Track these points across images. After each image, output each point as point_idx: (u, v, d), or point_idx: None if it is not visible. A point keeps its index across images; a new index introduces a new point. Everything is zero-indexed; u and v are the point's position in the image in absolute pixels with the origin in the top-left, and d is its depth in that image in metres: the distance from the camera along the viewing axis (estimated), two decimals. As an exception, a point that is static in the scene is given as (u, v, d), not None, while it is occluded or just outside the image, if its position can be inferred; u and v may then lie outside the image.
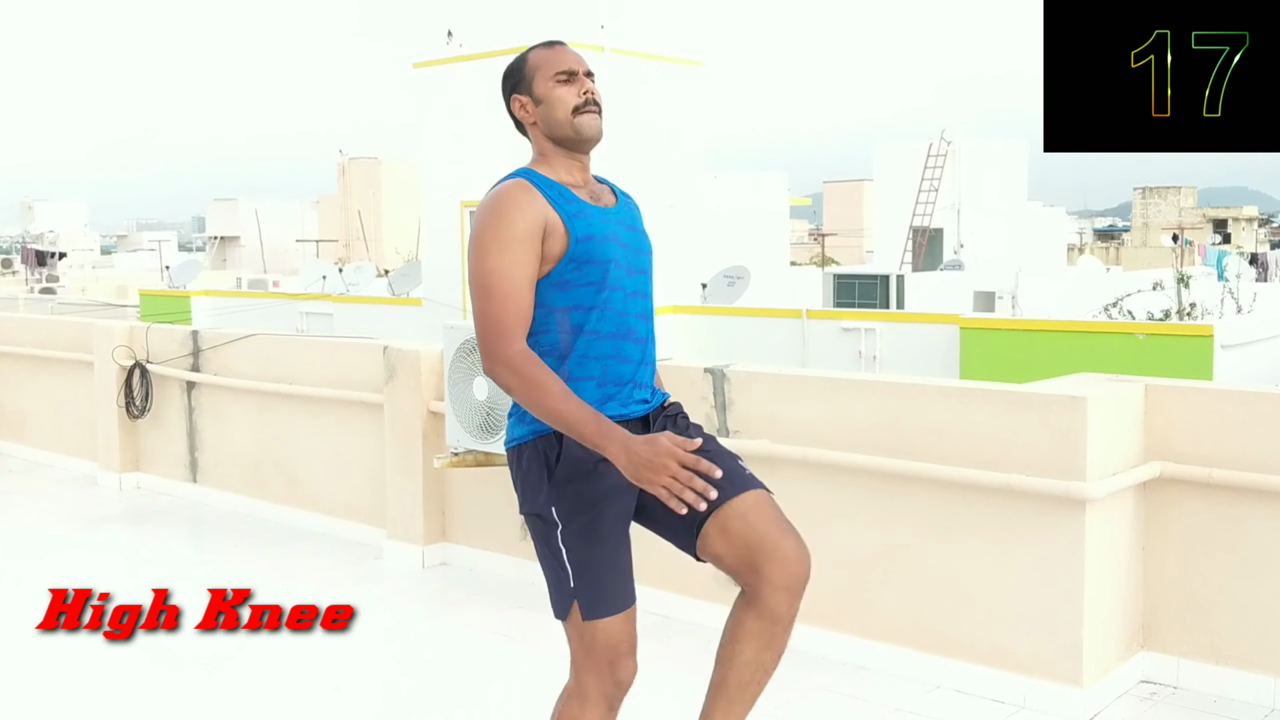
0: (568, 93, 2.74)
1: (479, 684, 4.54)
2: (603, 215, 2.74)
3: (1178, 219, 52.54)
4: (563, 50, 2.80)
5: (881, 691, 4.30)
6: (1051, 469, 4.03)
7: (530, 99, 2.77)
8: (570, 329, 2.68)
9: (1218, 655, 4.17)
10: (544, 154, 2.78)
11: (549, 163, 2.77)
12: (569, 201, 2.70)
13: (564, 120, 2.73)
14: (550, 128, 2.75)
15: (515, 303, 2.60)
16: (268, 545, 6.50)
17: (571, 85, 2.75)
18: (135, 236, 65.29)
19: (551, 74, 2.75)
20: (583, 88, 2.75)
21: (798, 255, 43.11)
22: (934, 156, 27.04)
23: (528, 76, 2.78)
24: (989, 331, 11.55)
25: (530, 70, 2.78)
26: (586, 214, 2.70)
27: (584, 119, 2.74)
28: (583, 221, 2.68)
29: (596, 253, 2.66)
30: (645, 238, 2.86)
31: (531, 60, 2.80)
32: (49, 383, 8.73)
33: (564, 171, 2.76)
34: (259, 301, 18.93)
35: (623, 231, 2.77)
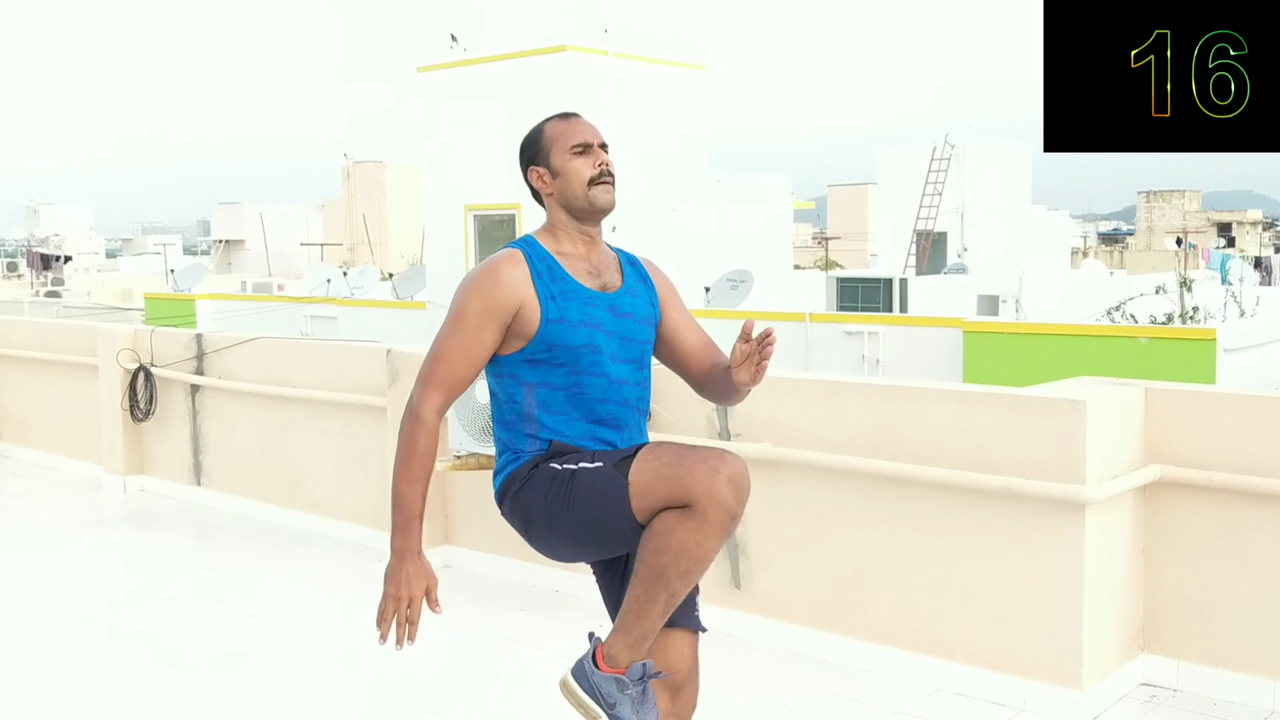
0: (583, 165, 2.81)
1: (482, 686, 4.55)
2: (589, 299, 2.77)
3: (1182, 223, 52.49)
4: (578, 123, 2.87)
5: (882, 694, 4.31)
6: (1051, 472, 4.04)
7: (548, 171, 2.84)
8: (537, 405, 2.76)
9: (1217, 658, 4.18)
10: (554, 223, 2.86)
11: (557, 233, 2.84)
12: (556, 280, 2.75)
13: (580, 193, 2.81)
14: (566, 199, 2.83)
15: (444, 368, 2.73)
16: (271, 548, 6.53)
17: (587, 157, 2.82)
18: (140, 240, 65.36)
19: (568, 146, 2.83)
20: (598, 159, 2.82)
21: (802, 259, 43.11)
22: (938, 160, 27.03)
23: (544, 149, 2.85)
24: (992, 335, 11.54)
25: (547, 143, 2.85)
26: (569, 296, 2.75)
27: (598, 190, 2.81)
28: (558, 305, 2.73)
29: (567, 338, 2.72)
30: (642, 326, 2.86)
31: (548, 133, 2.87)
32: (54, 386, 8.76)
33: (569, 243, 2.83)
34: (263, 305, 18.95)
35: (610, 318, 2.79)
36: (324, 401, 6.70)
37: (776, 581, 4.83)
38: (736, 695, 4.40)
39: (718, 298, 14.52)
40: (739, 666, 4.63)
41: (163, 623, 5.29)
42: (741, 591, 4.91)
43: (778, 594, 4.83)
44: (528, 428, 2.77)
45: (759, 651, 4.74)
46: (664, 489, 2.51)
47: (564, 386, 2.74)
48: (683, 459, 2.52)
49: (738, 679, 4.53)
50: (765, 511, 4.83)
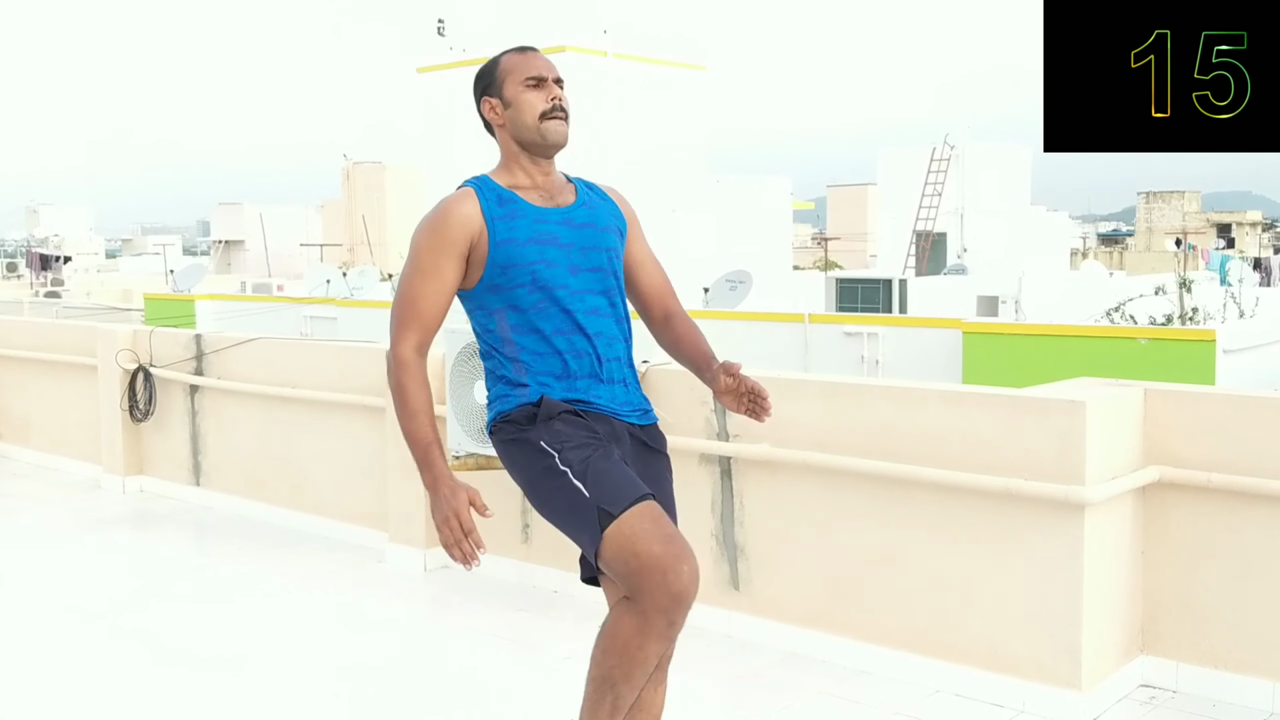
0: (536, 98, 2.82)
1: (479, 687, 4.55)
2: (540, 215, 2.79)
3: (1182, 223, 52.49)
4: (534, 56, 2.87)
5: (881, 695, 4.31)
6: (1050, 473, 4.04)
7: (500, 102, 2.85)
8: (510, 328, 2.79)
9: (1217, 659, 4.17)
10: (508, 156, 2.87)
11: (510, 166, 2.87)
12: (503, 204, 2.78)
13: (531, 125, 2.82)
14: (517, 131, 2.83)
15: (410, 307, 2.77)
16: (270, 548, 6.52)
17: (540, 90, 2.83)
18: (140, 240, 65.35)
19: (522, 79, 2.83)
20: (551, 94, 2.83)
21: (802, 259, 43.10)
22: (937, 161, 27.05)
23: (498, 80, 2.86)
24: (991, 336, 11.55)
25: (501, 74, 2.86)
26: (517, 215, 2.77)
27: (550, 124, 2.82)
28: (506, 225, 2.76)
29: (516, 256, 2.75)
30: (604, 234, 2.87)
31: (503, 64, 2.88)
32: (53, 386, 8.75)
33: (523, 175, 2.85)
34: (263, 305, 18.96)
35: (566, 230, 2.81)
36: (323, 402, 6.70)
37: (775, 582, 4.83)
38: (734, 696, 4.40)
39: (716, 298, 14.53)
40: (737, 667, 4.63)
41: (162, 623, 5.28)
42: (740, 592, 4.91)
43: (776, 595, 4.82)
44: (508, 350, 2.81)
45: (757, 652, 4.74)
46: (622, 570, 2.59)
47: (529, 305, 2.77)
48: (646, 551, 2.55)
49: (736, 680, 4.53)
50: (764, 512, 4.83)
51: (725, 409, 4.86)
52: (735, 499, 4.89)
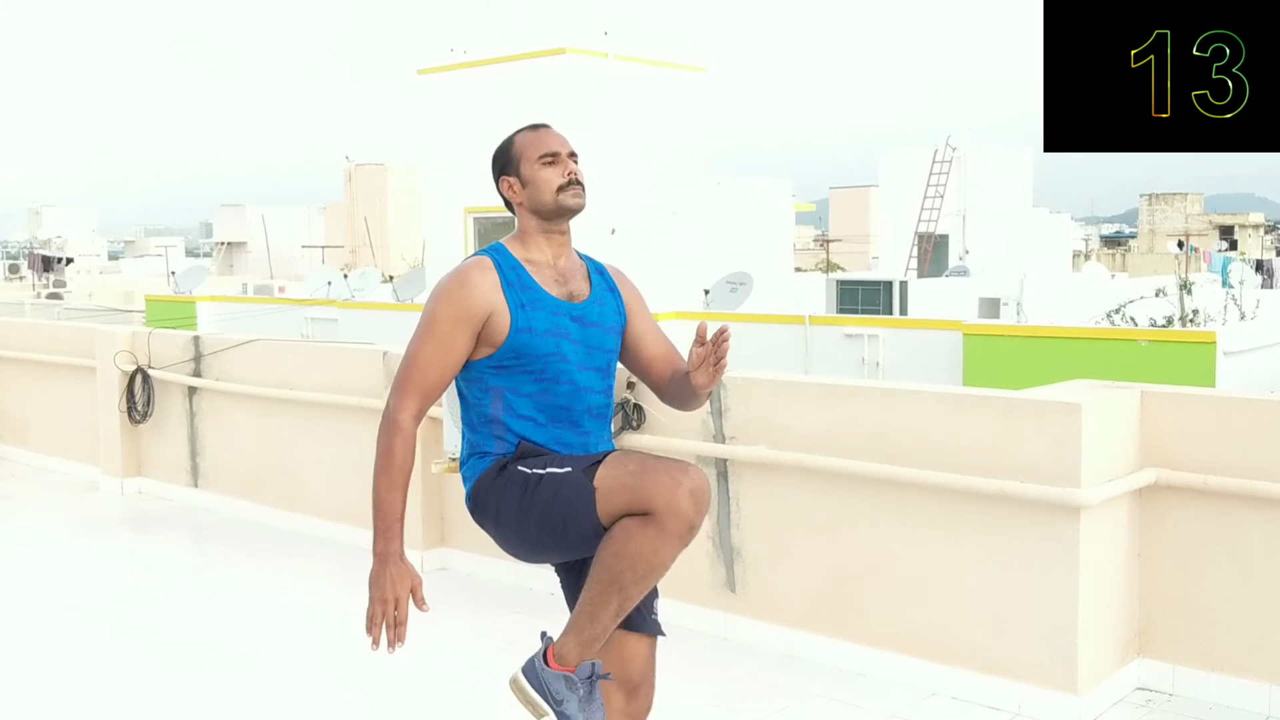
0: (552, 174, 2.85)
1: (477, 690, 4.54)
2: (556, 308, 2.81)
3: (1184, 225, 52.44)
4: (547, 133, 2.92)
5: (878, 698, 4.30)
6: (1046, 475, 4.03)
7: (518, 180, 2.89)
8: (504, 409, 2.80)
9: (1213, 662, 4.16)
10: (524, 231, 2.90)
11: (526, 241, 2.89)
12: (524, 289, 2.80)
13: (548, 200, 2.85)
14: (536, 206, 2.87)
15: (417, 375, 2.76)
16: (267, 550, 6.52)
17: (556, 167, 2.87)
18: (143, 242, 65.35)
19: (536, 157, 2.87)
20: (566, 169, 2.87)
21: (805, 261, 43.09)
22: (939, 162, 27.02)
23: (514, 160, 2.90)
24: (992, 338, 11.52)
25: (517, 154, 2.90)
26: (537, 305, 2.79)
27: (566, 196, 2.85)
28: (526, 314, 2.77)
29: (534, 347, 2.77)
30: (608, 335, 2.90)
31: (517, 144, 2.92)
32: (52, 388, 8.75)
33: (538, 251, 2.87)
34: (264, 307, 18.95)
35: (578, 328, 2.83)
36: (321, 404, 6.69)
37: (771, 584, 4.82)
38: (730, 698, 4.39)
39: (717, 300, 14.50)
40: (734, 670, 4.62)
41: (159, 624, 5.28)
42: (736, 595, 4.90)
43: (773, 597, 4.81)
44: (495, 430, 2.82)
45: (754, 655, 4.73)
46: (626, 496, 2.57)
47: (530, 393, 2.80)
48: (646, 469, 2.58)
49: (732, 682, 4.52)
50: (761, 514, 4.82)
51: (721, 411, 4.87)
52: (732, 501, 4.88)
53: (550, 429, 2.80)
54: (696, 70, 16.23)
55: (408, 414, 2.75)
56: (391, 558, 2.71)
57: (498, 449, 2.81)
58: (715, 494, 4.92)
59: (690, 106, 16.42)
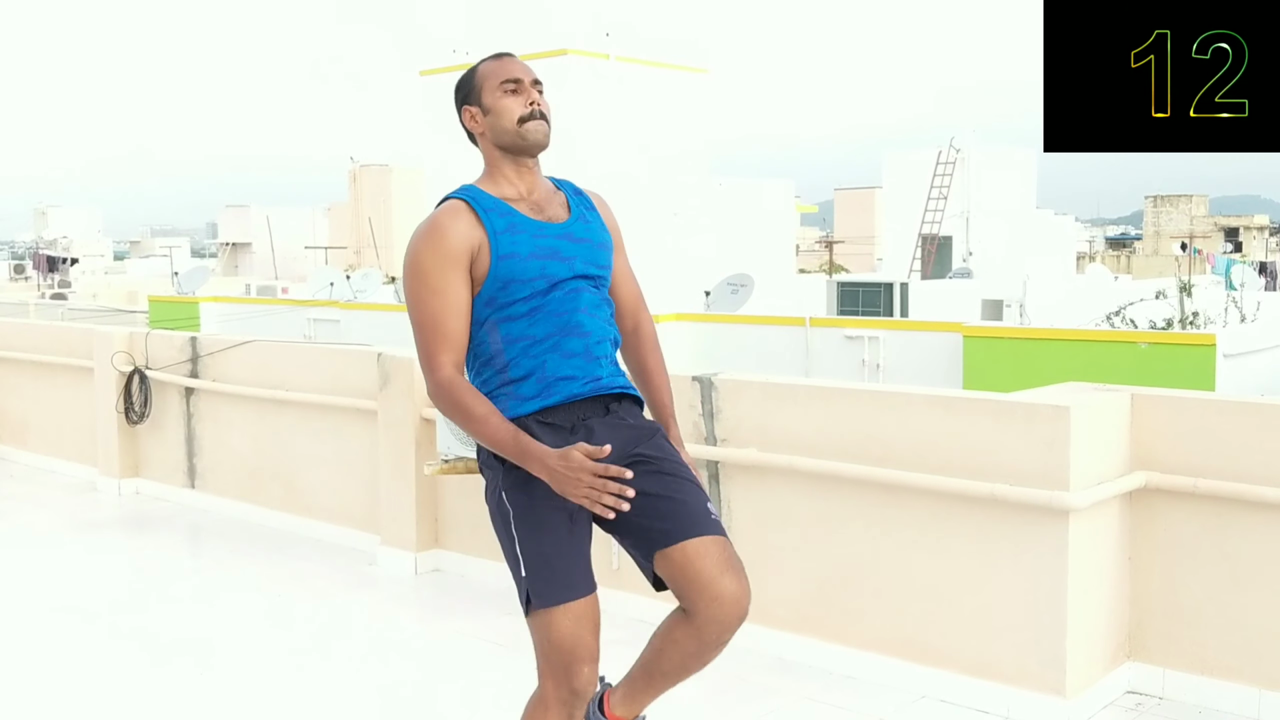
0: (514, 102, 2.79)
1: (470, 691, 4.54)
2: (539, 230, 2.76)
3: (1189, 227, 52.36)
4: (510, 61, 2.85)
5: (867, 701, 4.30)
6: (1036, 478, 4.02)
7: (479, 109, 2.82)
8: (501, 339, 2.75)
9: (1203, 666, 4.15)
10: (492, 164, 2.84)
11: (495, 174, 2.83)
12: (503, 215, 2.74)
13: (510, 129, 2.78)
14: (498, 136, 2.80)
15: (436, 331, 2.71)
16: (264, 551, 6.52)
17: (519, 95, 2.80)
18: (148, 242, 65.46)
19: (498, 84, 2.81)
20: (529, 97, 2.80)
21: (809, 263, 43.08)
22: (943, 164, 27.03)
23: (476, 88, 2.84)
24: (992, 340, 11.53)
25: (479, 81, 2.84)
26: (518, 229, 2.74)
27: (530, 126, 2.78)
28: (508, 239, 2.72)
29: (519, 271, 2.72)
30: (601, 250, 2.85)
31: (480, 72, 2.85)
32: (50, 388, 8.77)
33: (509, 184, 2.81)
34: (267, 308, 18.99)
35: (566, 244, 2.78)
36: (317, 405, 6.70)
37: (762, 587, 4.79)
38: (722, 701, 4.38)
39: (718, 301, 14.51)
40: (724, 672, 4.60)
41: (157, 624, 5.29)
42: (728, 597, 4.89)
43: (763, 600, 4.79)
44: (497, 362, 2.76)
45: (744, 657, 4.71)
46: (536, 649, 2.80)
47: (525, 314, 2.73)
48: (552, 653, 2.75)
49: (723, 685, 4.51)
50: (752, 518, 4.81)
51: (712, 413, 4.86)
52: (723, 504, 4.88)
53: (553, 355, 2.73)
54: (699, 71, 16.27)
55: (447, 367, 2.70)
56: (546, 459, 2.61)
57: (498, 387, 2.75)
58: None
59: (692, 107, 16.47)
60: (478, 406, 2.68)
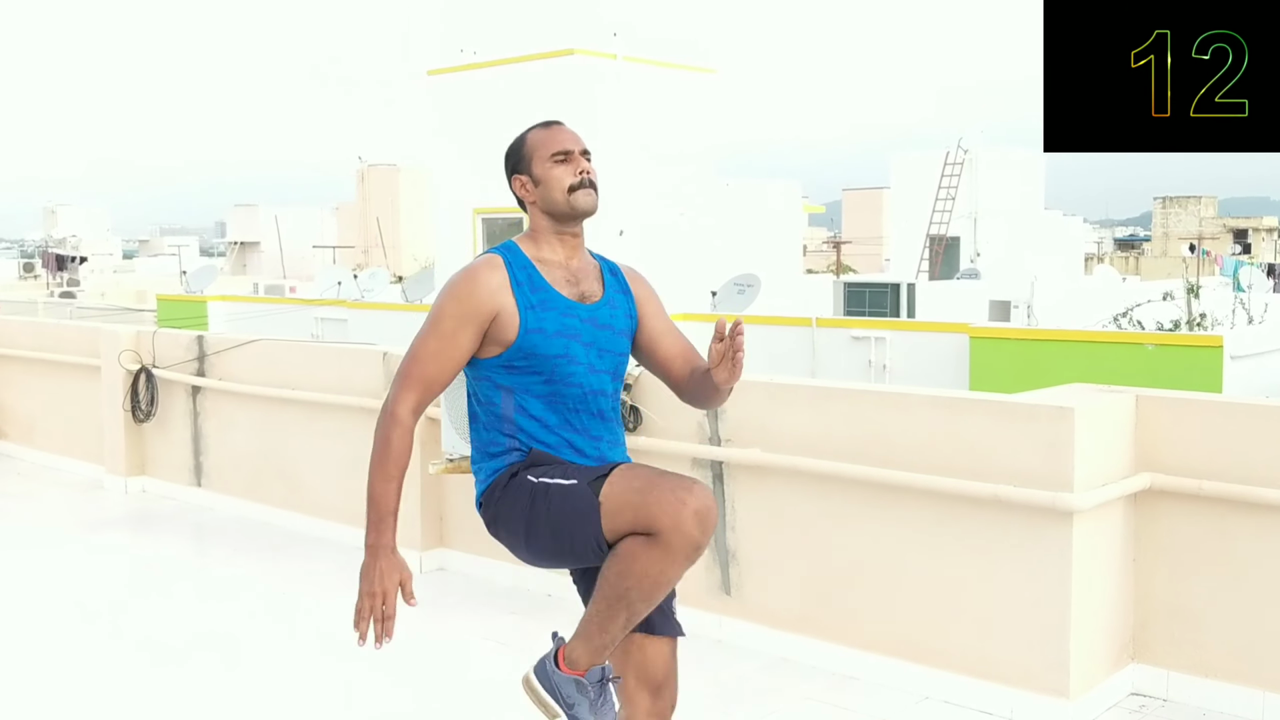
0: (565, 172, 2.84)
1: (474, 690, 4.55)
2: (568, 309, 2.79)
3: (1198, 229, 52.22)
4: (559, 130, 2.90)
5: (870, 702, 4.30)
6: (1039, 480, 4.01)
7: (530, 179, 2.87)
8: (514, 409, 2.79)
9: (1207, 668, 4.14)
10: (537, 230, 2.89)
11: (538, 239, 2.87)
12: (535, 290, 2.78)
13: (560, 199, 2.83)
14: (548, 205, 2.85)
15: (423, 371, 2.75)
16: (269, 549, 6.54)
17: (568, 165, 2.85)
18: (157, 241, 65.55)
19: (549, 155, 2.85)
20: (579, 167, 2.85)
21: (817, 263, 43.04)
22: (950, 165, 26.96)
23: (526, 157, 2.88)
24: (999, 341, 11.48)
25: (529, 151, 2.88)
26: (548, 306, 2.77)
27: (579, 195, 2.83)
28: (537, 315, 2.76)
29: (544, 348, 2.75)
30: (619, 338, 2.88)
31: (530, 141, 2.90)
32: (57, 387, 8.79)
33: (549, 250, 2.85)
34: (274, 307, 19.00)
35: (589, 329, 2.82)
36: (322, 404, 6.71)
37: (766, 588, 4.82)
38: (725, 701, 4.39)
39: (724, 302, 14.48)
40: (728, 672, 4.62)
41: (162, 623, 5.30)
42: (731, 597, 4.89)
43: (767, 600, 4.81)
44: (505, 428, 2.81)
45: (748, 658, 4.73)
46: (631, 515, 2.56)
47: (540, 394, 2.78)
48: (652, 487, 2.56)
49: (726, 685, 4.52)
50: (755, 517, 4.81)
51: (716, 413, 4.86)
52: (727, 503, 4.88)
53: (561, 431, 2.79)
54: (705, 72, 16.23)
55: (406, 407, 2.74)
56: (383, 550, 2.70)
57: (509, 446, 2.80)
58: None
59: (699, 108, 16.42)
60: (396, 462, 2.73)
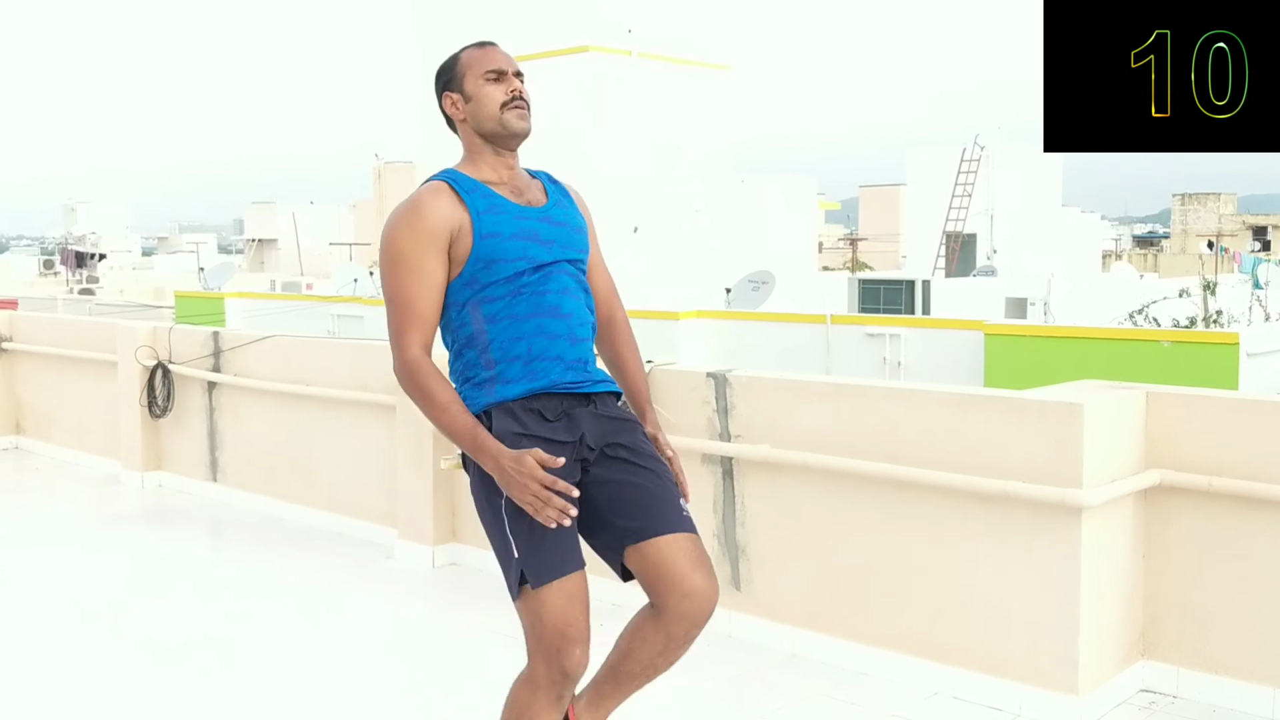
0: (496, 90, 2.83)
1: (485, 684, 4.56)
2: (519, 212, 2.79)
3: (1217, 226, 51.94)
4: (493, 50, 2.89)
5: (878, 697, 4.30)
6: (1048, 476, 4.01)
7: (460, 96, 2.86)
8: (484, 319, 2.77)
9: (1217, 665, 4.13)
10: (472, 151, 2.88)
11: (475, 160, 2.87)
12: (485, 196, 2.78)
13: (492, 116, 2.82)
14: (479, 123, 2.84)
15: (409, 309, 2.74)
16: (283, 544, 6.57)
17: (500, 84, 2.84)
18: (176, 238, 65.87)
19: (481, 73, 2.85)
20: (510, 86, 2.84)
21: (833, 260, 42.96)
22: (967, 162, 26.92)
23: (458, 75, 2.87)
24: (1013, 338, 11.48)
25: (461, 69, 2.88)
26: (498, 210, 2.77)
27: (511, 114, 2.82)
28: (490, 219, 2.75)
29: (501, 251, 2.74)
30: (578, 235, 2.89)
31: (463, 59, 2.89)
32: (74, 382, 8.85)
33: (489, 169, 2.85)
34: (292, 304, 19.08)
35: (546, 227, 2.82)
36: (336, 400, 6.74)
37: (776, 583, 4.83)
38: (733, 696, 4.40)
39: (739, 299, 14.49)
40: (736, 667, 4.63)
41: (177, 617, 5.34)
42: (741, 593, 4.90)
43: (777, 595, 4.82)
44: (479, 342, 2.78)
45: (757, 652, 4.74)
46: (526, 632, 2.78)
47: (505, 294, 2.76)
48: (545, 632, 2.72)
49: (735, 680, 4.53)
50: (765, 514, 4.82)
51: (726, 409, 4.87)
52: (737, 499, 4.89)
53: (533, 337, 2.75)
54: (721, 68, 16.26)
55: (414, 348, 2.73)
56: (501, 458, 2.65)
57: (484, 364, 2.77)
58: (721, 492, 4.93)
59: (714, 104, 16.46)
60: (440, 393, 2.70)
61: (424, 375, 2.71)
